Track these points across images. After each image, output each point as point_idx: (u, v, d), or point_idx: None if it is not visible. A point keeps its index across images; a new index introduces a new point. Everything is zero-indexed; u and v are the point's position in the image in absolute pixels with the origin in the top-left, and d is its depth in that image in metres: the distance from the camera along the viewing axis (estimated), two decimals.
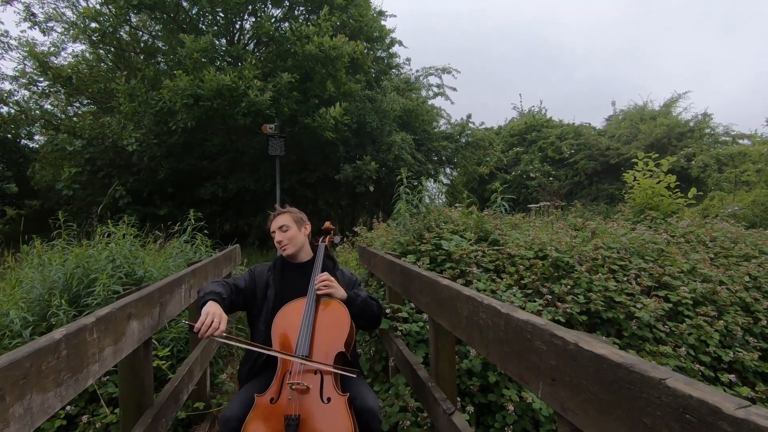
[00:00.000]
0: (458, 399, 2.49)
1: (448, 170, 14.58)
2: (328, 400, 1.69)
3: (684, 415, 0.65)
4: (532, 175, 16.02)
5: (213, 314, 1.73)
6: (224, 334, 1.74)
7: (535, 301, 3.12)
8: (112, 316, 1.41)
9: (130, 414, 1.80)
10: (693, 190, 5.89)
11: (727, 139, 14.48)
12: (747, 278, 4.10)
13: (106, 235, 3.81)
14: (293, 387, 1.68)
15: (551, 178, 15.86)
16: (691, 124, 14.45)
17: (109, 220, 3.90)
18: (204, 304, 1.79)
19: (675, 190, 5.77)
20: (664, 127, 13.98)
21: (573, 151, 15.94)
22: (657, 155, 6.32)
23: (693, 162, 11.86)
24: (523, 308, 3.00)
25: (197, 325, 1.69)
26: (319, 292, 1.98)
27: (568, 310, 3.12)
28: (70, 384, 1.14)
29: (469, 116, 13.56)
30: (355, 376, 1.80)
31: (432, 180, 13.16)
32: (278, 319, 1.95)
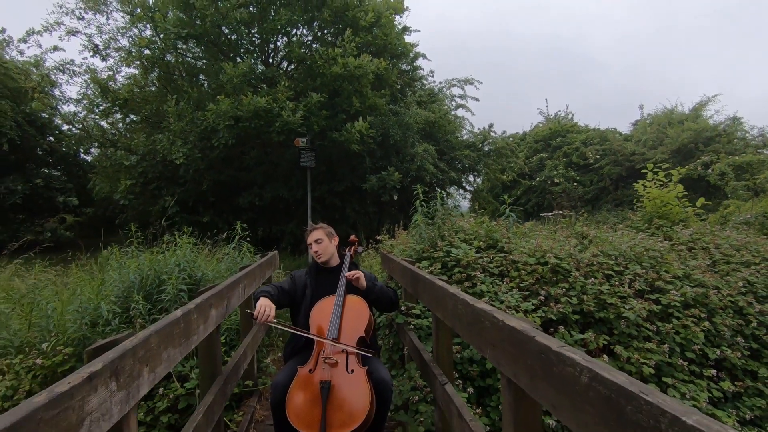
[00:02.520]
0: (461, 381, 3.03)
1: (471, 178, 14.98)
2: (352, 371, 2.27)
3: (540, 355, 1.18)
4: (556, 180, 16.15)
5: (265, 306, 2.33)
6: (273, 320, 2.35)
7: (529, 302, 3.59)
8: (203, 304, 2.05)
9: (206, 380, 2.44)
10: (701, 200, 6.13)
11: (760, 143, 14.14)
12: (742, 283, 4.39)
13: (167, 242, 4.57)
14: (326, 361, 2.28)
15: (576, 184, 15.93)
16: (721, 128, 14.21)
17: (176, 232, 4.68)
18: (257, 299, 2.40)
19: (683, 200, 6.03)
20: (691, 131, 13.84)
21: (598, 157, 15.95)
22: (668, 165, 6.58)
23: (711, 170, 11.80)
24: (519, 307, 3.49)
25: (254, 312, 2.30)
26: (352, 279, 2.61)
27: (561, 310, 3.58)
28: (185, 346, 1.77)
29: (491, 125, 13.97)
30: (370, 355, 2.37)
31: (454, 186, 13.69)
32: (315, 311, 2.56)
